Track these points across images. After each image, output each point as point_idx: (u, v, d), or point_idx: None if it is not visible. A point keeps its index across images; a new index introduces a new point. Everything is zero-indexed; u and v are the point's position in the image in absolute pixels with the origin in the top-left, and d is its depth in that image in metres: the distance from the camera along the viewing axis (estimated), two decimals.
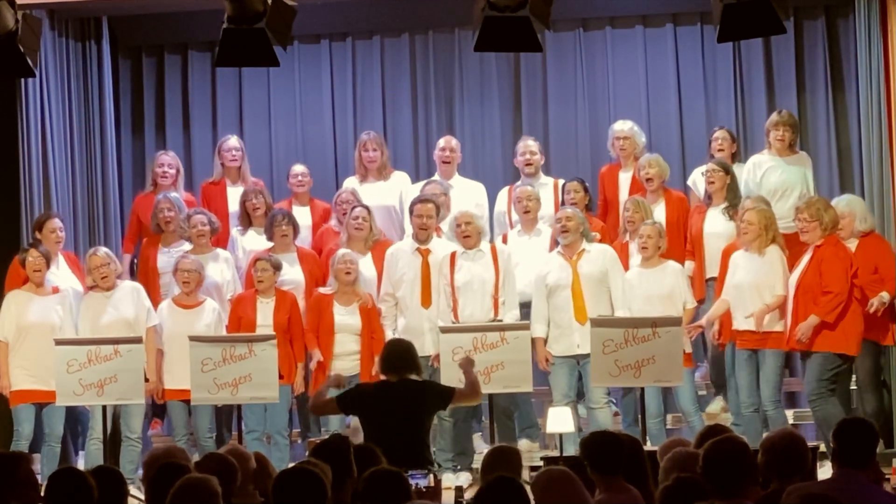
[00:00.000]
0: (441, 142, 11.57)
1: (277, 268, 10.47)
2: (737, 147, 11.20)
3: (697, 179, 11.18)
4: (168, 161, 11.45)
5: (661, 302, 10.16)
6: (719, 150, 11.07)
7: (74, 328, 10.44)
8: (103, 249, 10.64)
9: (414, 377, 8.69)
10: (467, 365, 9.02)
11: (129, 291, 10.51)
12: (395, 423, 8.31)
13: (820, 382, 9.68)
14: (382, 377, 8.91)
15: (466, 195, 11.22)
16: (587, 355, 10.08)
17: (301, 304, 10.61)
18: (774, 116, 10.98)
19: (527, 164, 11.26)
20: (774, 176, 10.80)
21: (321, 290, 10.57)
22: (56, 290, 10.47)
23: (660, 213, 10.76)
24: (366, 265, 10.70)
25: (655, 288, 10.21)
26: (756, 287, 9.94)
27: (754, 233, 9.99)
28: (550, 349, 10.28)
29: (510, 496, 5.24)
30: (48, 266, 10.44)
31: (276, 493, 5.36)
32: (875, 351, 10.17)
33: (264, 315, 10.40)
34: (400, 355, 8.77)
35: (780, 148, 10.83)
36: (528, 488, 5.47)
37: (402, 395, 8.46)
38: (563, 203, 11.00)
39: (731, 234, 10.42)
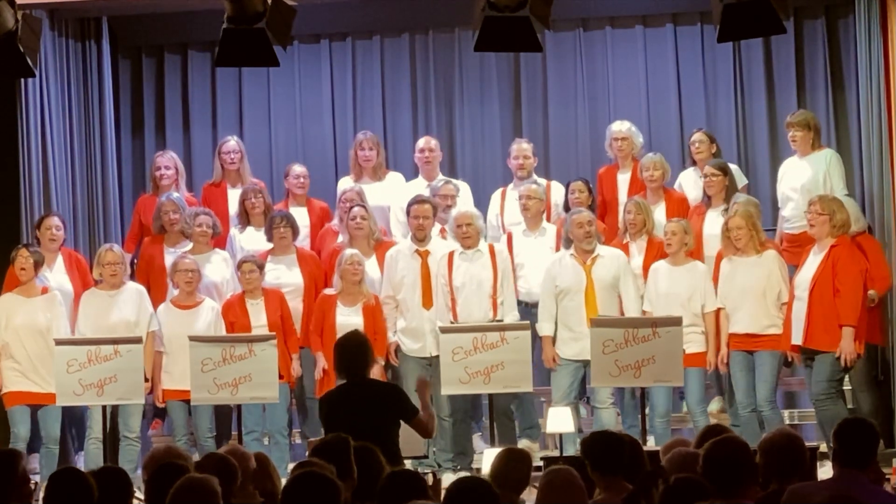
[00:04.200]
0: (420, 142, 11.56)
1: (261, 267, 10.49)
2: (716, 147, 11.17)
3: (683, 182, 11.19)
4: (165, 163, 11.43)
5: (682, 300, 10.12)
6: (698, 153, 11.06)
7: (66, 328, 10.41)
8: (117, 247, 10.71)
9: (374, 377, 8.15)
10: (423, 390, 8.12)
11: (133, 293, 10.52)
12: (362, 428, 7.36)
13: (830, 382, 9.67)
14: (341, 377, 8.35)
15: None
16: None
17: (300, 306, 10.61)
18: (788, 117, 10.96)
19: (519, 168, 11.23)
20: (789, 178, 10.80)
21: (326, 291, 10.56)
22: (45, 291, 10.46)
23: (660, 213, 10.76)
24: (370, 267, 10.69)
25: (680, 286, 10.17)
26: (755, 290, 9.93)
27: (746, 236, 9.98)
28: (559, 351, 10.26)
29: (478, 496, 5.23)
30: (38, 266, 10.42)
31: (286, 497, 5.32)
32: (868, 351, 10.16)
33: (256, 316, 10.41)
34: (355, 352, 7.94)
35: (798, 148, 10.80)
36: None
37: (368, 399, 7.77)
38: (567, 203, 10.99)
39: None
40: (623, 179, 11.23)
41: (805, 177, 10.67)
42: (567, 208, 11.01)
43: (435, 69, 12.65)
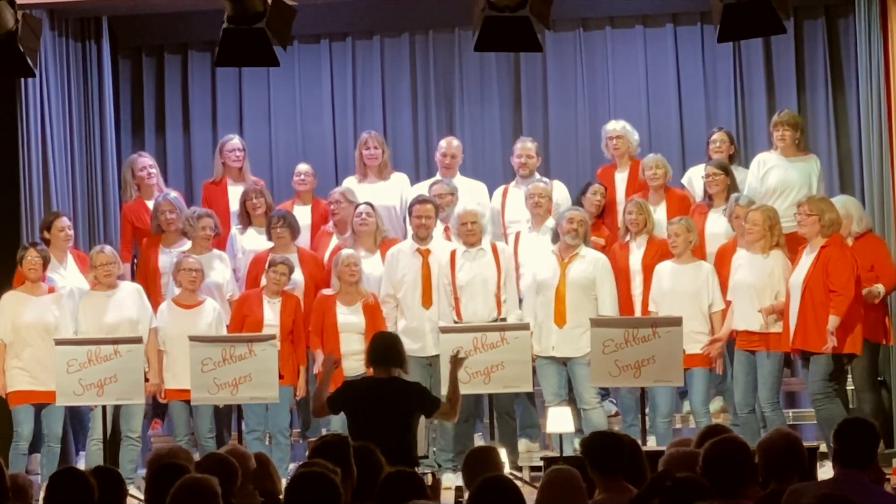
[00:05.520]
0: (442, 143, 11.54)
1: (292, 270, 10.52)
2: (735, 148, 11.19)
3: (693, 177, 11.20)
4: (149, 163, 11.44)
5: (687, 299, 10.13)
6: (717, 152, 11.07)
7: (72, 327, 10.42)
8: (109, 248, 10.69)
9: (402, 375, 8.33)
10: (455, 367, 8.48)
11: (131, 292, 10.52)
12: (383, 423, 7.93)
13: (825, 382, 9.67)
14: (370, 371, 8.66)
15: (469, 195, 11.20)
16: (571, 358, 10.14)
17: (302, 305, 10.62)
18: (775, 116, 10.97)
19: (522, 166, 11.24)
20: (775, 175, 10.78)
21: (324, 291, 10.57)
22: (52, 290, 10.46)
23: (661, 212, 10.76)
24: (375, 264, 10.70)
25: (685, 285, 10.18)
26: (757, 289, 9.94)
27: (758, 233, 9.98)
28: (533, 346, 10.28)
29: (503, 495, 5.25)
30: (46, 266, 10.43)
31: (289, 496, 5.34)
32: (871, 350, 10.17)
33: (272, 315, 10.41)
34: (388, 350, 8.31)
35: (783, 148, 10.81)
36: (525, 487, 5.49)
37: (391, 395, 8.06)
38: (579, 202, 11.00)
39: (732, 235, 10.42)
40: (620, 178, 11.23)
41: (791, 178, 10.68)
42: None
43: (435, 69, 12.65)
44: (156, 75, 12.78)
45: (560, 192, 11.24)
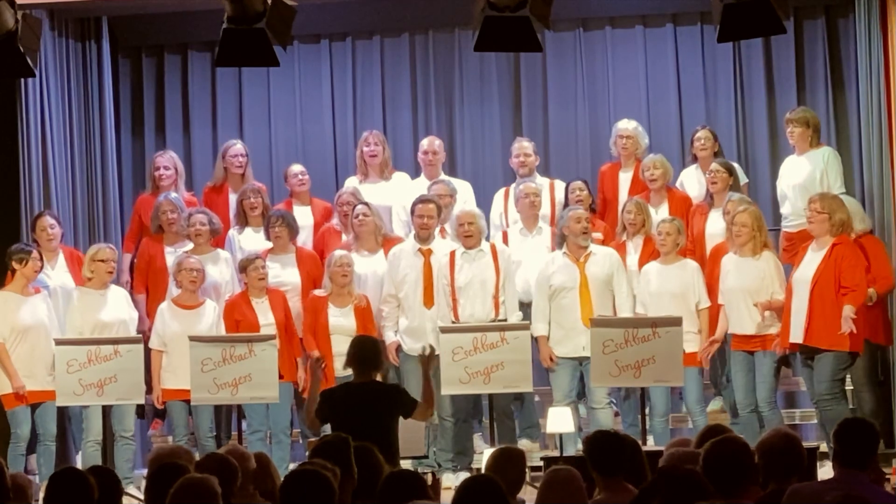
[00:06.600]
0: (424, 143, 11.54)
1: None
2: (719, 146, 11.19)
3: (685, 180, 11.20)
4: (164, 163, 11.42)
5: (674, 299, 10.14)
6: (702, 150, 11.08)
7: (61, 326, 10.41)
8: (112, 246, 10.71)
9: (378, 378, 8.40)
10: (427, 366, 8.51)
11: (123, 296, 10.56)
12: (362, 425, 7.82)
13: (833, 382, 9.67)
14: (347, 375, 8.66)
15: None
16: (588, 357, 10.10)
17: (298, 305, 10.61)
18: (787, 114, 10.99)
19: (521, 166, 11.24)
20: (788, 175, 10.80)
21: (316, 292, 10.57)
22: (38, 291, 10.44)
23: (663, 213, 10.76)
24: (378, 263, 10.70)
25: (671, 285, 10.19)
26: (750, 292, 9.93)
27: (747, 235, 9.98)
28: (553, 350, 10.26)
29: (486, 495, 5.26)
30: (42, 268, 10.43)
31: (283, 494, 5.35)
32: (871, 350, 10.18)
33: (263, 314, 10.41)
34: (368, 354, 8.34)
35: (795, 146, 10.81)
36: (526, 488, 5.49)
37: (369, 398, 8.13)
38: (566, 203, 11.00)
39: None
40: (625, 178, 11.24)
41: (802, 174, 10.68)
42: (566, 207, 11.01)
43: (435, 69, 12.65)
44: (156, 75, 12.78)
45: (563, 192, 11.24)
